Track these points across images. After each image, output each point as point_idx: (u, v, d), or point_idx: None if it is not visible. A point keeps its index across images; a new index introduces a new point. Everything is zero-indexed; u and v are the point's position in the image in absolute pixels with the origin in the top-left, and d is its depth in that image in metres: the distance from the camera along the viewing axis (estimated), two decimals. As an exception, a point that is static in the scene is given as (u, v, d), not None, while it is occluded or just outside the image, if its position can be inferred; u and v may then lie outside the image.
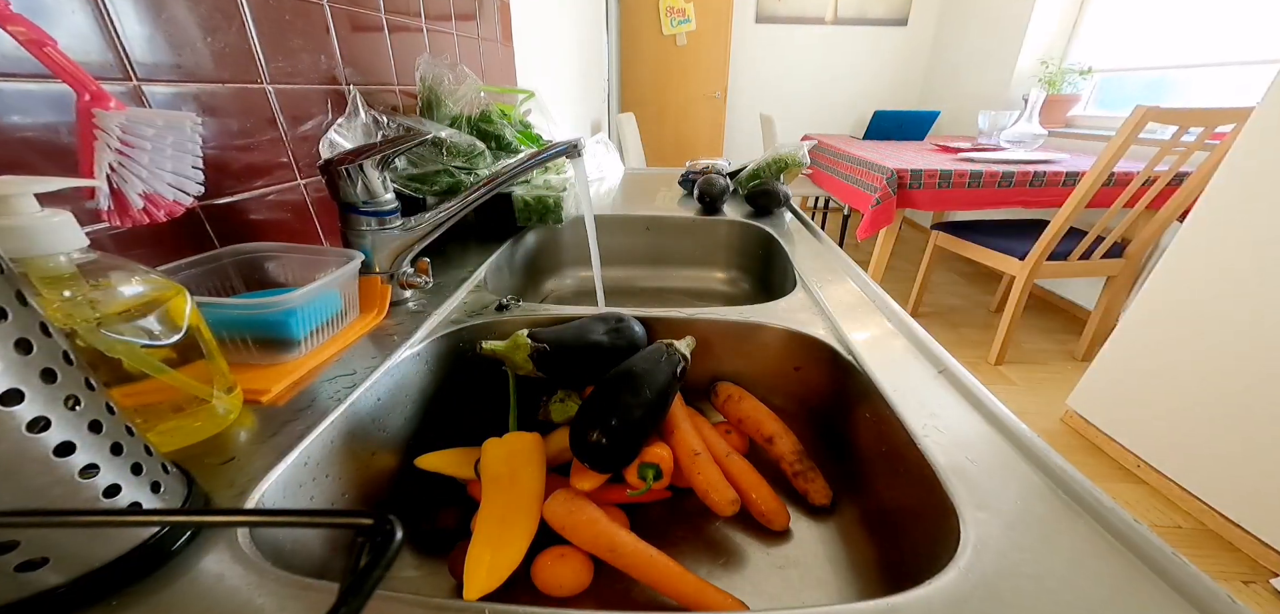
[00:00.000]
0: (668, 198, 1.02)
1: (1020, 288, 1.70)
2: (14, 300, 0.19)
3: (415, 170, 0.62)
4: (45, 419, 0.19)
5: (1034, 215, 2.06)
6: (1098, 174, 1.46)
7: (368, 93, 0.63)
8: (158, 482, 0.24)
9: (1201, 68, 1.96)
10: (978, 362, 1.87)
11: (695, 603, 0.32)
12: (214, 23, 0.43)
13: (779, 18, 3.43)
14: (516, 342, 0.43)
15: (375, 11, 0.65)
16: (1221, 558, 1.09)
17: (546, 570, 0.35)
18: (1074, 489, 0.29)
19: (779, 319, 0.51)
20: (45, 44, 0.28)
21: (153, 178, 0.34)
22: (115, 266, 0.28)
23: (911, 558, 0.34)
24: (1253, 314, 1.07)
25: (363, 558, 0.17)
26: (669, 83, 3.24)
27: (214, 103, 0.44)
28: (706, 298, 0.88)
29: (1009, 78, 2.75)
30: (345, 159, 0.46)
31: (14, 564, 0.20)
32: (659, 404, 0.40)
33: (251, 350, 0.39)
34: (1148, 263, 1.77)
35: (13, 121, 0.31)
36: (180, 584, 0.23)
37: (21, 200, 0.24)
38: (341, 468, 0.36)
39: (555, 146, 0.58)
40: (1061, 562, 0.26)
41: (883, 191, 1.72)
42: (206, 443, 0.32)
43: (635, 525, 0.38)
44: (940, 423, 0.35)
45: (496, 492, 0.37)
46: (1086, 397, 1.45)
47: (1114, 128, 1.80)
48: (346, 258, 0.45)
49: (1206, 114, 1.35)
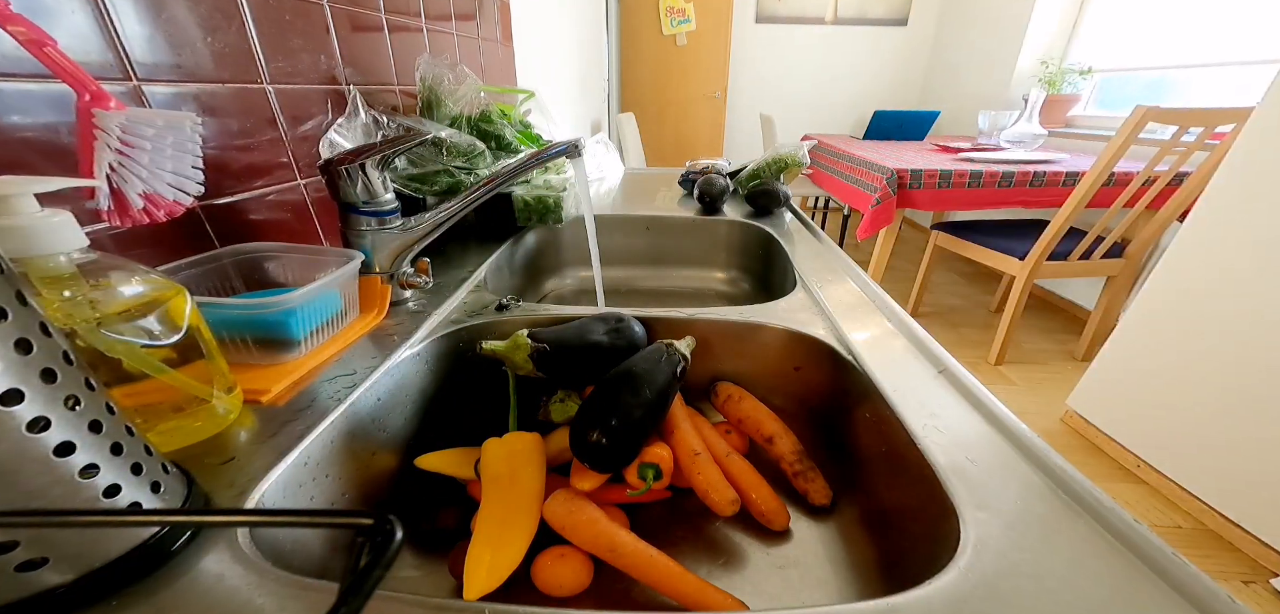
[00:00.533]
0: (668, 198, 1.02)
1: (1020, 288, 1.70)
2: (14, 300, 0.19)
3: (415, 170, 0.62)
4: (45, 419, 0.19)
5: (1034, 215, 2.06)
6: (1098, 174, 1.46)
7: (368, 93, 0.63)
8: (158, 482, 0.24)
9: (1201, 68, 1.96)
10: (978, 362, 1.87)
11: (695, 603, 0.32)
12: (214, 23, 0.43)
13: (779, 18, 3.43)
14: (516, 342, 0.43)
15: (375, 11, 0.65)
16: (1221, 558, 1.09)
17: (546, 570, 0.35)
18: (1074, 489, 0.29)
19: (779, 319, 0.51)
20: (45, 44, 0.28)
21: (153, 178, 0.34)
22: (115, 266, 0.28)
23: (911, 558, 0.34)
24: (1253, 314, 1.07)
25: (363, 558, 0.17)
26: (669, 83, 3.24)
27: (214, 103, 0.44)
28: (706, 298, 0.88)
29: (1009, 78, 2.75)
30: (345, 159, 0.46)
31: (14, 564, 0.20)
32: (659, 404, 0.40)
33: (251, 350, 0.39)
34: (1148, 263, 1.77)
35: (13, 121, 0.31)
36: (180, 584, 0.23)
37: (21, 200, 0.24)
38: (341, 468, 0.36)
39: (555, 146, 0.58)
40: (1061, 562, 0.26)
41: (883, 191, 1.72)
42: (206, 443, 0.32)
43: (635, 525, 0.38)
44: (940, 423, 0.35)
45: (496, 492, 0.37)
46: (1086, 397, 1.45)
47: (1114, 128, 1.80)
48: (346, 258, 0.45)
49: (1206, 114, 1.35)
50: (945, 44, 3.36)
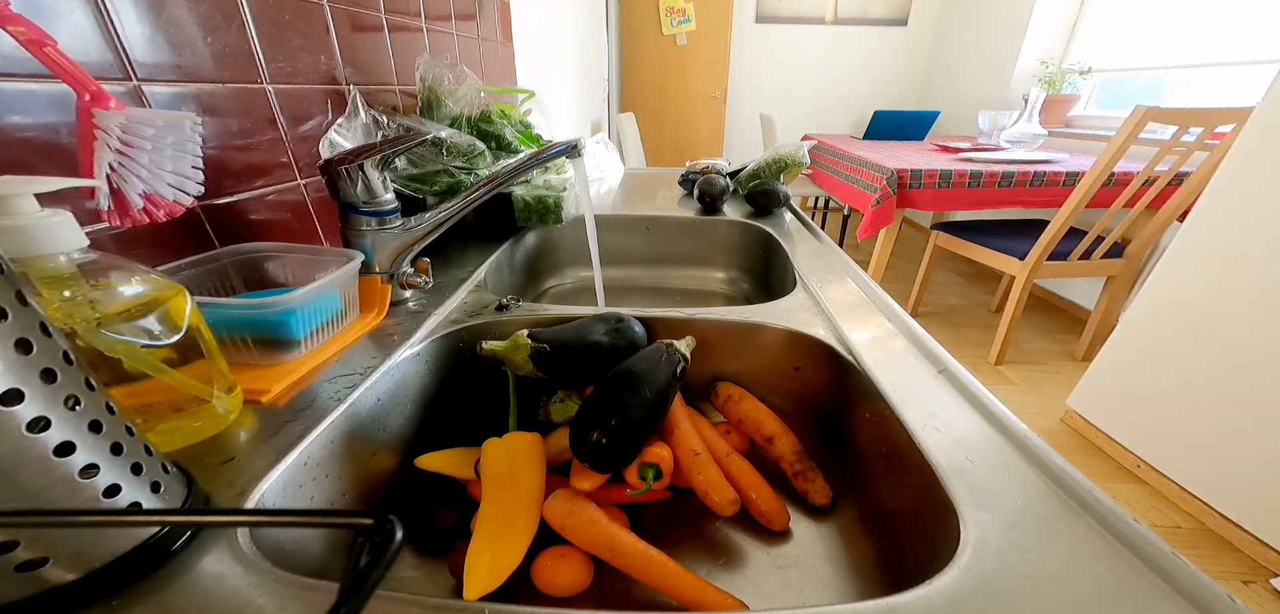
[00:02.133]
0: (668, 198, 1.02)
1: (1020, 288, 1.70)
2: (14, 300, 0.19)
3: (415, 170, 0.62)
4: (45, 419, 0.19)
5: (1034, 215, 2.06)
6: (1098, 174, 1.46)
7: (368, 93, 0.63)
8: (158, 482, 0.24)
9: (1201, 68, 1.95)
10: (978, 362, 1.87)
11: (695, 603, 0.32)
12: (214, 23, 0.43)
13: (779, 18, 3.43)
14: (516, 342, 0.43)
15: (375, 11, 0.65)
16: (1221, 558, 1.09)
17: (546, 570, 0.35)
18: (1074, 489, 0.29)
19: (779, 319, 0.51)
20: (45, 44, 0.28)
21: (153, 178, 0.34)
22: (115, 266, 0.28)
23: (911, 558, 0.34)
24: (1253, 313, 1.07)
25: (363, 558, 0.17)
26: (669, 83, 3.24)
27: (214, 103, 0.44)
28: (706, 298, 0.88)
29: (1009, 78, 2.75)
30: (345, 159, 0.46)
31: (14, 564, 0.20)
32: (659, 404, 0.40)
33: (251, 350, 0.39)
34: (1148, 263, 1.77)
35: (13, 121, 0.31)
36: (180, 584, 0.23)
37: (21, 200, 0.24)
38: (341, 468, 0.36)
39: (555, 146, 0.58)
40: (1061, 562, 0.26)
41: (883, 191, 1.72)
42: (206, 443, 0.32)
43: (635, 525, 0.38)
44: (940, 423, 0.35)
45: (496, 492, 0.37)
46: (1086, 397, 1.45)
47: (1114, 128, 1.80)
48: (346, 258, 0.45)
49: (1206, 114, 1.35)
50: (945, 44, 3.36)
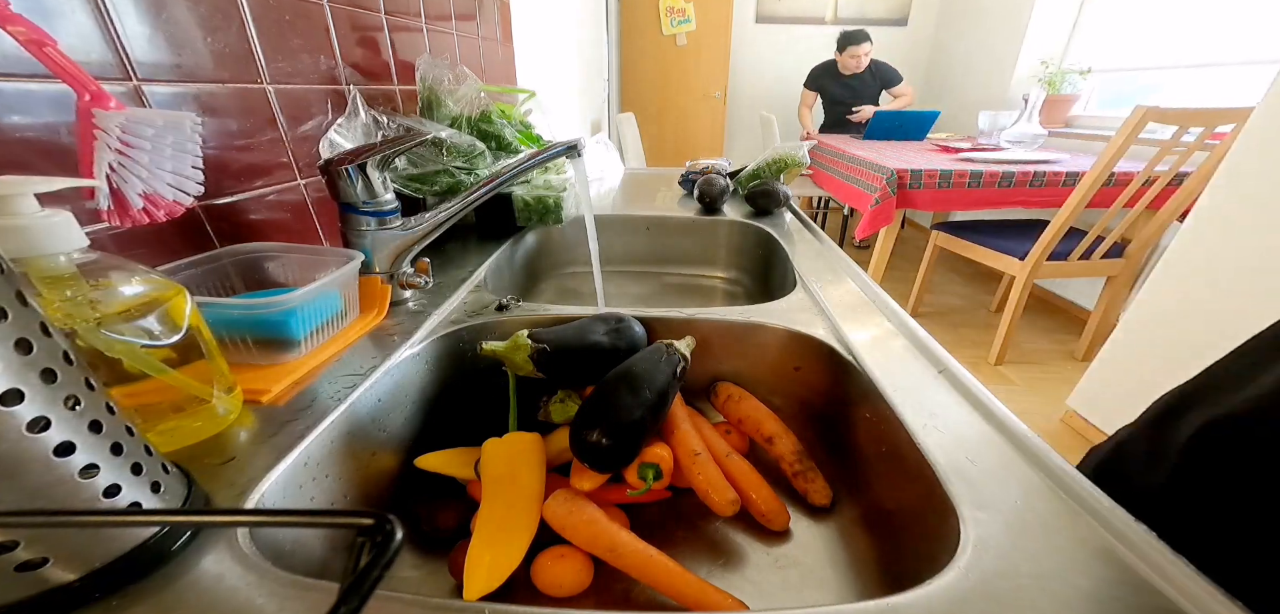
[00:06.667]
0: (668, 198, 1.02)
1: (1020, 288, 1.70)
2: (14, 300, 0.19)
3: (415, 170, 0.62)
4: (45, 419, 0.19)
5: (1034, 215, 2.06)
6: (1098, 174, 1.46)
7: (368, 93, 0.63)
8: (158, 482, 0.24)
9: (1201, 68, 1.95)
10: (978, 362, 1.87)
11: (695, 603, 0.32)
12: (214, 23, 0.43)
13: (779, 18, 3.43)
14: (516, 342, 0.43)
15: (375, 11, 0.65)
16: (1221, 558, 1.09)
17: (546, 570, 0.35)
18: (1074, 489, 0.29)
19: (779, 319, 0.51)
20: (45, 44, 0.28)
21: (153, 178, 0.34)
22: (115, 266, 0.28)
23: (911, 558, 0.34)
24: (1253, 313, 1.06)
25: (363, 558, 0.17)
26: (669, 83, 3.24)
27: (214, 103, 0.44)
28: (706, 298, 0.88)
29: (1009, 78, 2.75)
30: (345, 159, 0.46)
31: (14, 564, 0.20)
32: (659, 404, 0.40)
33: (251, 350, 0.39)
34: (1148, 263, 1.77)
35: (13, 121, 0.31)
36: (180, 584, 0.23)
37: (21, 200, 0.24)
38: (341, 468, 0.36)
39: (555, 146, 0.58)
40: (1061, 562, 0.26)
41: (882, 191, 1.72)
42: (206, 443, 0.32)
43: (635, 525, 0.38)
44: (940, 423, 0.35)
45: (496, 492, 0.37)
46: (1086, 397, 1.45)
47: (1114, 128, 1.79)
48: (346, 258, 0.45)
49: (1206, 114, 1.35)
50: (945, 44, 3.36)
